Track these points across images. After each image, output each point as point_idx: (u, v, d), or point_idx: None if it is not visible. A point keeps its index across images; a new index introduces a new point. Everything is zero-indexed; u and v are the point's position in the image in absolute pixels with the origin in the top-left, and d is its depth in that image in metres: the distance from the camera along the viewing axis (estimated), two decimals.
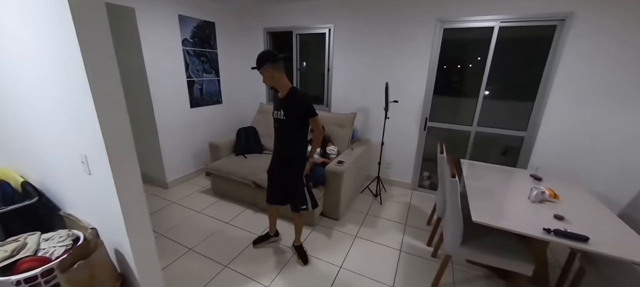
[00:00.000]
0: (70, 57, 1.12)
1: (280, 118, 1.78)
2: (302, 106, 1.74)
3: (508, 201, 1.81)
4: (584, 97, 2.43)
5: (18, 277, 1.28)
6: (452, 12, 2.73)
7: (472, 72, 2.96)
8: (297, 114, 1.75)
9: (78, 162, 1.39)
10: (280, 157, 1.90)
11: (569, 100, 2.48)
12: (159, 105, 3.01)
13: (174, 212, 2.76)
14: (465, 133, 2.99)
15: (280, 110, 1.77)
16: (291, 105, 1.74)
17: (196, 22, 3.32)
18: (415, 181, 3.37)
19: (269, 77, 1.73)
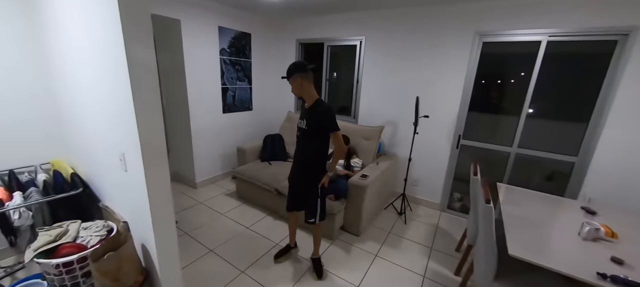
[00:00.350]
0: (118, 64, 1.23)
1: (303, 127, 1.81)
2: (324, 118, 1.75)
3: (553, 235, 1.61)
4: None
5: (58, 261, 1.40)
6: (493, 25, 2.56)
7: (514, 88, 2.74)
8: (318, 125, 1.77)
9: (117, 159, 1.50)
10: (299, 165, 1.93)
11: (632, 123, 2.17)
12: (194, 109, 3.20)
13: (199, 212, 2.87)
14: (503, 154, 2.75)
15: (303, 120, 1.81)
16: (314, 115, 1.77)
17: (234, 33, 3.51)
18: (444, 201, 3.16)
19: (298, 87, 1.77)
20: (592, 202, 1.93)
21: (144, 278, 1.51)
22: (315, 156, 1.85)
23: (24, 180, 1.94)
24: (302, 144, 1.88)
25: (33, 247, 1.44)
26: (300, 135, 1.86)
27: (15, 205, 1.64)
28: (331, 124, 1.76)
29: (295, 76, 1.75)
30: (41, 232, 1.53)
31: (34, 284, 1.58)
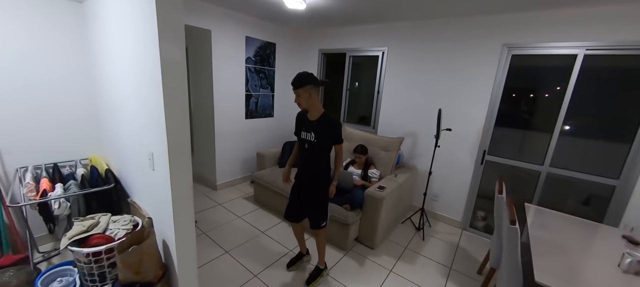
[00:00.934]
0: (152, 74, 1.34)
1: (311, 140, 1.82)
2: (335, 131, 1.81)
3: (588, 264, 1.47)
4: None
5: (88, 250, 1.51)
6: (523, 38, 2.46)
7: (546, 103, 2.59)
8: (326, 138, 1.81)
9: (146, 158, 1.61)
10: (309, 173, 1.93)
11: None
12: (219, 114, 3.35)
13: (218, 213, 2.96)
14: (533, 173, 2.58)
15: (310, 132, 1.82)
16: (324, 129, 1.79)
17: (260, 43, 3.66)
18: (466, 219, 3.01)
19: (306, 98, 1.76)
20: (636, 231, 1.75)
21: (163, 273, 1.58)
22: (325, 166, 1.90)
23: (65, 173, 2.13)
24: (309, 155, 1.88)
25: (68, 235, 1.57)
26: (308, 147, 1.86)
27: (56, 195, 1.80)
28: (339, 137, 1.83)
29: (308, 87, 1.74)
30: (76, 222, 1.66)
31: (66, 270, 1.71)
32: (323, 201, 1.94)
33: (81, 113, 2.29)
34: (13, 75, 1.93)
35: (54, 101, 2.14)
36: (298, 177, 2.00)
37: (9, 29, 1.88)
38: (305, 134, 1.84)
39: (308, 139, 1.83)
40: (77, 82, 2.23)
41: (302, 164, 1.95)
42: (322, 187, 1.91)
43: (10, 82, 1.93)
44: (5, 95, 1.92)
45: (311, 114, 1.82)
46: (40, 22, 1.99)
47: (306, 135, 1.84)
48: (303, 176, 1.96)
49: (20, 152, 2.03)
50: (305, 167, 1.94)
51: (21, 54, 1.95)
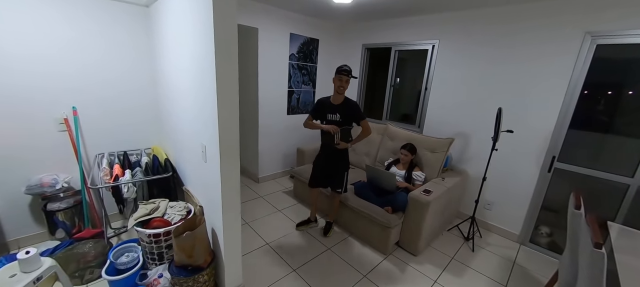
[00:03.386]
0: (208, 74, 1.42)
1: (337, 120, 2.27)
2: (357, 110, 2.30)
3: None
4: None
5: (150, 231, 1.67)
6: (613, 24, 2.05)
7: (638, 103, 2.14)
8: (350, 116, 2.29)
9: (200, 150, 1.72)
10: (332, 153, 2.37)
11: None
12: (263, 110, 3.47)
13: (259, 205, 3.08)
14: (619, 186, 2.16)
15: (335, 114, 2.28)
16: (347, 110, 2.27)
17: (303, 39, 3.68)
18: (526, 233, 2.66)
19: (348, 86, 2.25)
20: None
21: (211, 259, 1.68)
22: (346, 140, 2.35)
23: (132, 160, 2.40)
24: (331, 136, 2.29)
25: (134, 216, 1.75)
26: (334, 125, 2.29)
27: (126, 180, 2.03)
28: (361, 114, 2.33)
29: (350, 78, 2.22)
30: (141, 204, 1.85)
31: (132, 247, 1.93)
32: (341, 171, 2.40)
33: (146, 107, 2.55)
34: (94, 74, 2.22)
35: (124, 96, 2.41)
36: (323, 151, 2.46)
37: (87, 35, 2.15)
38: (331, 115, 2.29)
39: (335, 119, 2.27)
40: (143, 80, 2.48)
41: (327, 143, 2.36)
42: (342, 161, 2.39)
43: (91, 80, 2.22)
44: (88, 91, 2.22)
45: (336, 99, 2.28)
46: (113, 27, 2.25)
47: (332, 116, 2.28)
48: (327, 150, 2.39)
49: (98, 141, 2.34)
50: (330, 145, 2.33)
51: (100, 55, 2.22)
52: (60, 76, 2.07)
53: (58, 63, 2.04)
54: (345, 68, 2.17)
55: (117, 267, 1.77)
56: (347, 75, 2.17)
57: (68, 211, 2.06)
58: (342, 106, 2.27)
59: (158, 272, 1.67)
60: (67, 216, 2.06)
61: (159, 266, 1.72)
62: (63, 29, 2.02)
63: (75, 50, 2.10)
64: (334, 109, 2.27)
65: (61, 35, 2.02)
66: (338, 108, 2.27)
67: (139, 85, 2.47)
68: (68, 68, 2.09)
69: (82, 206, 2.16)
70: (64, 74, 2.08)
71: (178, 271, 1.59)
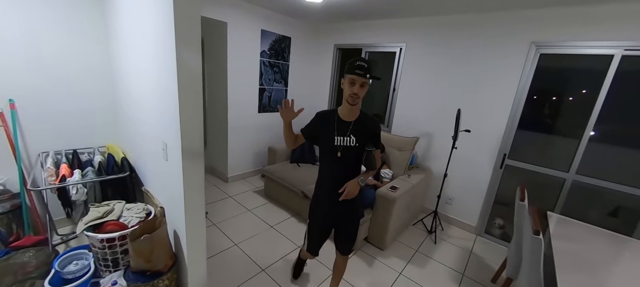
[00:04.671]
0: (169, 66, 1.33)
1: (351, 145, 1.41)
2: (377, 131, 1.48)
3: (618, 281, 1.36)
4: None
5: (103, 236, 1.54)
6: (554, 36, 2.30)
7: (575, 107, 2.44)
8: (369, 139, 1.46)
9: (160, 148, 1.62)
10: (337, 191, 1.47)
11: None
12: (232, 107, 3.36)
13: (228, 205, 2.99)
14: (557, 180, 2.44)
15: (350, 136, 1.41)
16: (366, 130, 1.44)
17: (275, 37, 3.63)
18: (482, 225, 2.89)
19: (365, 92, 1.36)
20: None
21: (173, 263, 1.60)
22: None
23: (83, 160, 2.19)
24: (346, 166, 1.47)
25: (84, 220, 1.60)
26: (343, 156, 1.44)
27: (74, 181, 1.85)
28: (379, 139, 1.50)
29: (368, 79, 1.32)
30: (92, 207, 1.70)
31: (82, 254, 1.76)
32: (356, 223, 1.62)
33: (100, 102, 2.34)
34: (39, 66, 1.99)
35: (76, 90, 2.20)
36: (324, 198, 1.55)
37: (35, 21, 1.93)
38: (341, 138, 1.41)
39: (346, 144, 1.41)
40: (97, 72, 2.28)
41: (333, 181, 1.47)
42: (359, 208, 1.59)
43: (37, 72, 1.99)
44: (30, 83, 1.98)
45: (349, 112, 1.43)
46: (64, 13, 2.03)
47: (342, 140, 1.41)
48: (334, 196, 1.47)
49: (42, 138, 2.10)
50: (338, 179, 1.46)
51: (48, 45, 2.00)
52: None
53: None
54: (361, 64, 1.30)
55: (63, 277, 1.60)
56: (364, 75, 1.29)
57: (3, 217, 1.82)
58: (357, 124, 1.44)
59: (112, 279, 1.54)
60: (3, 223, 1.83)
61: (113, 273, 1.60)
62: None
63: (18, 39, 1.86)
64: (345, 128, 1.43)
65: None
66: (352, 127, 1.43)
67: (93, 79, 2.27)
68: (6, 58, 1.85)
69: (22, 210, 1.92)
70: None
71: (135, 276, 1.49)
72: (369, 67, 1.30)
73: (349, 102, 1.37)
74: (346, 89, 1.37)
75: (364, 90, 1.34)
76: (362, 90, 1.33)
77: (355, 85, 1.32)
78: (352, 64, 1.32)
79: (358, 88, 1.32)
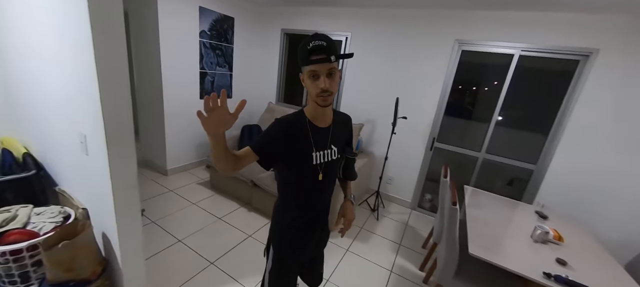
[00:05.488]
0: (81, 30, 1.13)
1: (333, 159, 1.07)
2: (350, 132, 1.21)
3: (509, 236, 1.73)
4: (601, 138, 2.32)
5: (3, 249, 1.28)
6: (473, 35, 2.67)
7: (487, 97, 2.89)
8: (345, 142, 1.18)
9: (77, 141, 1.39)
10: (324, 219, 1.19)
11: (584, 138, 2.38)
12: (169, 93, 3.04)
13: (169, 200, 2.76)
14: (472, 158, 2.91)
15: (330, 148, 1.06)
16: (344, 133, 1.15)
17: (216, 16, 3.36)
18: (415, 200, 3.29)
19: (337, 82, 0.95)
20: (545, 207, 2.10)
21: (103, 269, 1.43)
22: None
23: None
24: (327, 187, 1.12)
25: None
26: (325, 177, 1.05)
27: None
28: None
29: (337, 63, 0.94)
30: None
31: None
32: (323, 248, 1.33)
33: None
34: None
35: None
36: (304, 234, 1.13)
37: None
38: (321, 154, 1.03)
39: (328, 160, 1.05)
40: None
41: (315, 211, 1.12)
42: (326, 227, 1.24)
43: None
44: None
45: (324, 116, 1.03)
46: None
47: (322, 156, 1.03)
48: (316, 222, 1.15)
49: None
50: (321, 205, 1.13)
51: None
52: None
53: None
54: (318, 44, 0.87)
55: None
56: (327, 58, 0.88)
57: None
58: (335, 129, 1.08)
59: None
60: None
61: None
62: None
63: None
64: (324, 138, 1.05)
65: None
66: (332, 135, 1.06)
67: None
68: None
69: None
70: None
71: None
72: (331, 43, 0.88)
73: (320, 103, 0.94)
74: (309, 86, 0.93)
75: (336, 80, 0.92)
76: (333, 81, 0.91)
77: (319, 77, 0.89)
78: (304, 49, 0.88)
79: (325, 80, 0.89)
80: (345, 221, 1.20)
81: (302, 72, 0.95)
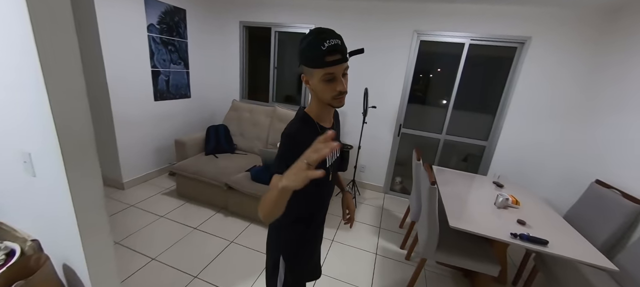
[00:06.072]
0: (18, 28, 0.93)
1: (337, 156, 1.08)
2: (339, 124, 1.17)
3: (477, 206, 1.95)
4: (533, 114, 2.73)
5: None
6: (429, 25, 2.87)
7: (444, 83, 3.16)
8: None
9: (18, 161, 1.15)
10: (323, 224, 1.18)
11: (521, 115, 2.77)
12: (117, 96, 2.67)
13: (132, 216, 2.46)
14: (435, 140, 3.17)
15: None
16: (338, 129, 1.12)
17: (165, 7, 3.03)
18: (387, 184, 3.49)
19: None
20: (501, 178, 2.41)
21: None
22: None
23: None
24: (332, 183, 1.11)
25: None
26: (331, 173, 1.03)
27: None
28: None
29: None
30: None
31: None
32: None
33: None
34: None
35: None
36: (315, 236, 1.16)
37: None
38: (332, 154, 1.01)
39: (335, 158, 1.05)
40: None
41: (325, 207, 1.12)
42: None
43: None
44: None
45: (329, 115, 0.99)
46: None
47: (333, 155, 1.02)
48: (322, 223, 1.18)
49: None
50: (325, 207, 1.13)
51: None
52: None
53: None
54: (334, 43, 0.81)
55: None
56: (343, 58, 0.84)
57: None
58: (336, 126, 1.09)
59: None
60: None
61: None
62: None
63: None
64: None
65: None
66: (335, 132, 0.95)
67: None
68: None
69: None
70: None
71: None
72: (343, 41, 0.84)
73: (335, 105, 0.89)
74: (322, 89, 0.85)
75: (346, 79, 0.88)
76: (346, 80, 0.87)
77: (335, 80, 0.84)
78: (316, 48, 0.80)
79: (341, 81, 0.84)
80: (350, 211, 1.24)
81: (309, 74, 0.86)
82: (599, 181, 2.10)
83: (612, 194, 1.90)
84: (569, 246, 1.53)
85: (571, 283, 1.66)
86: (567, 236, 1.65)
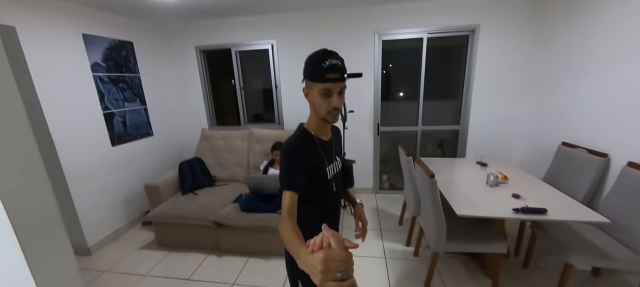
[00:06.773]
0: None
1: (339, 170, 1.15)
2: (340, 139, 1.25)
3: (472, 189, 2.01)
4: (496, 92, 2.97)
5: None
6: (387, 25, 2.98)
7: (412, 77, 3.30)
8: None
9: None
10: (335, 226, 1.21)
11: (486, 95, 3.00)
12: (64, 148, 2.31)
13: (107, 284, 2.11)
14: (413, 133, 3.28)
15: (335, 159, 1.13)
16: (339, 144, 1.21)
17: (108, 43, 2.72)
18: (376, 184, 3.50)
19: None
20: (483, 157, 2.55)
21: None
22: None
23: None
24: (338, 197, 1.18)
25: None
26: (335, 184, 1.11)
27: None
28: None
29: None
30: None
31: None
32: None
33: None
34: None
35: None
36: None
37: None
38: (332, 166, 1.09)
39: (336, 171, 1.12)
40: None
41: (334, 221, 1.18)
42: None
43: None
44: None
45: (327, 129, 1.08)
46: None
47: (332, 168, 1.09)
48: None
49: None
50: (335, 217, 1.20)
51: None
52: None
53: None
54: (334, 63, 0.91)
55: None
56: (341, 77, 0.93)
57: None
58: (335, 139, 1.16)
59: None
60: None
61: None
62: None
63: None
64: (330, 151, 1.10)
65: None
66: (333, 146, 1.13)
67: None
68: None
69: None
70: None
71: None
72: (343, 62, 0.94)
73: (329, 120, 0.97)
74: (320, 103, 0.94)
75: (343, 97, 0.97)
76: (342, 98, 0.96)
77: (331, 96, 0.92)
78: (318, 65, 0.91)
79: (337, 98, 0.93)
80: (363, 223, 1.21)
81: (309, 87, 0.98)
82: (565, 142, 2.33)
83: (579, 152, 2.11)
84: (565, 209, 1.64)
85: (568, 241, 1.78)
86: (557, 198, 1.77)
